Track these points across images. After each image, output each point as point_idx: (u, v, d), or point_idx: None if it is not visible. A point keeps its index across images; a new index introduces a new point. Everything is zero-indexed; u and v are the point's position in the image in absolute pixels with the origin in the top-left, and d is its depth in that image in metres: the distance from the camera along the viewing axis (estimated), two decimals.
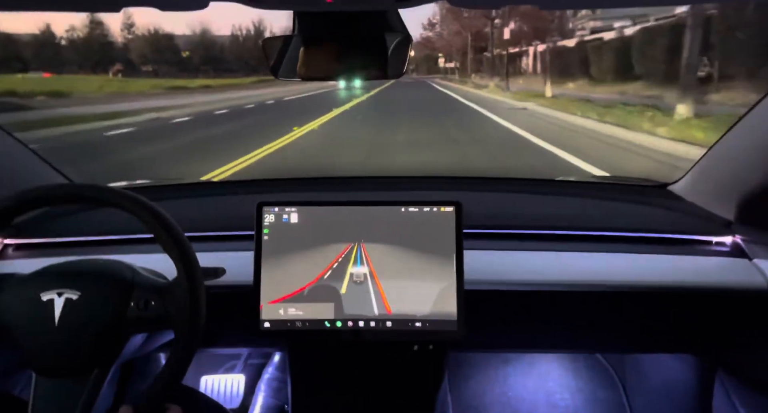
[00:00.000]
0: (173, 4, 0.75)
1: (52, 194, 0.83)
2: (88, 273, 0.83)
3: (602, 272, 1.08)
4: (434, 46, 54.55)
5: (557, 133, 8.55)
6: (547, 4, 0.88)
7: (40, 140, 8.28)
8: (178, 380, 0.79)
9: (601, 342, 1.28)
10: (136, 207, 0.81)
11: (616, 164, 5.94)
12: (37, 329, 0.78)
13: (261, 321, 0.99)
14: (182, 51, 46.46)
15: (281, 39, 0.90)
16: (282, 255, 1.00)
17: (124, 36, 45.85)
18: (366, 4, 0.77)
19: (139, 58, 42.88)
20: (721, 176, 1.19)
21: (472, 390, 1.72)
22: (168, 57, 44.54)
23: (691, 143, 6.55)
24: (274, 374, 1.66)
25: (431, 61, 65.56)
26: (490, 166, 5.96)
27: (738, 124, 1.12)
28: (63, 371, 0.79)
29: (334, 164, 6.25)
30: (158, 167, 6.33)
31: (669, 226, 1.20)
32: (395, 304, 0.99)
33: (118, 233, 1.20)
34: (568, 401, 1.67)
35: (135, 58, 43.25)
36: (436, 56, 59.13)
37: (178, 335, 0.80)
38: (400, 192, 1.44)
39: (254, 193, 1.48)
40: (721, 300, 1.06)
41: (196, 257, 0.82)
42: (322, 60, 0.90)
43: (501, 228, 1.20)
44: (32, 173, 1.30)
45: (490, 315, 1.08)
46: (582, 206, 1.35)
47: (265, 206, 1.02)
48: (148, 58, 42.67)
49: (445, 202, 1.01)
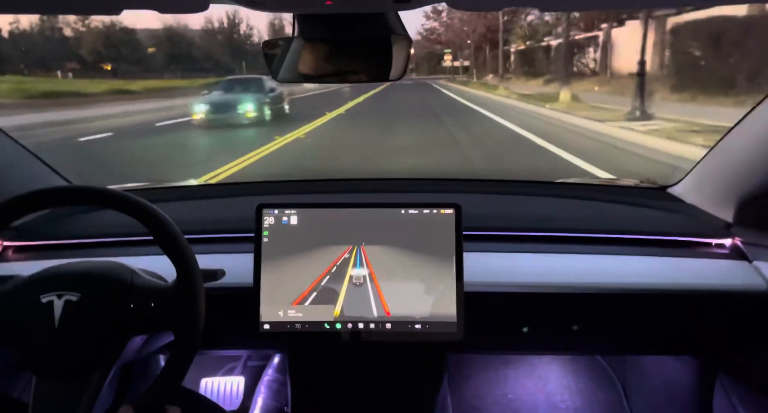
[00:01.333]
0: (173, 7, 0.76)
1: (52, 196, 0.83)
2: (87, 275, 0.83)
3: (602, 275, 1.08)
4: (439, 39, 47.07)
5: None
6: (547, 6, 0.89)
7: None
8: (178, 382, 0.79)
9: (601, 344, 1.28)
10: (136, 209, 0.81)
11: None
12: (37, 331, 0.78)
13: (261, 322, 0.99)
14: (147, 47, 38.93)
15: (281, 41, 0.90)
16: (282, 257, 1.00)
17: (77, 29, 35.63)
18: (365, 5, 0.77)
19: (91, 55, 34.59)
20: (720, 178, 1.19)
21: (472, 391, 1.72)
22: (127, 54, 36.71)
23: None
24: (274, 376, 1.66)
25: (433, 59, 56.70)
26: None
27: (737, 126, 1.12)
28: (63, 373, 0.79)
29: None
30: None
31: (668, 228, 1.20)
32: (395, 306, 0.99)
33: (117, 235, 1.20)
34: (569, 402, 1.67)
35: (87, 55, 34.62)
36: (440, 53, 50.54)
37: (177, 336, 0.80)
38: (399, 194, 1.44)
39: (254, 195, 1.48)
40: (720, 302, 1.06)
41: (196, 258, 0.82)
42: (322, 62, 0.90)
43: (500, 230, 1.20)
44: (32, 176, 1.30)
45: (489, 317, 1.08)
46: (581, 208, 1.35)
47: (264, 208, 1.02)
48: (102, 55, 34.78)
49: (444, 204, 1.01)
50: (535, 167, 6.15)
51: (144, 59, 38.63)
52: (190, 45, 42.32)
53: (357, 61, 0.89)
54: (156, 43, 39.63)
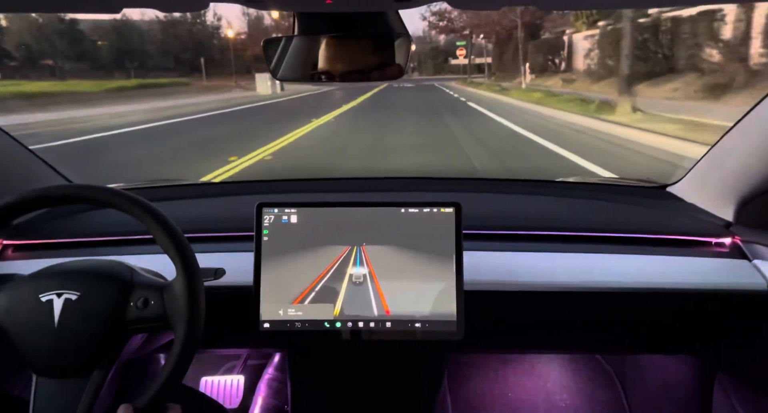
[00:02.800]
0: (173, 5, 0.76)
1: (52, 194, 0.83)
2: (87, 274, 0.83)
3: (601, 273, 1.08)
4: (451, 26, 34.05)
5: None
6: (547, 5, 0.88)
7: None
8: (178, 380, 0.79)
9: (600, 343, 1.29)
10: (135, 208, 0.81)
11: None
12: (37, 329, 0.78)
13: (261, 321, 0.99)
14: (96, 41, 31.10)
15: (281, 40, 0.90)
16: (282, 256, 1.00)
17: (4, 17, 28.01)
18: (366, 4, 0.77)
19: (20, 50, 28.08)
20: (720, 177, 1.19)
21: (471, 390, 1.72)
22: (65, 49, 29.43)
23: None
24: (274, 374, 1.66)
25: (439, 56, 48.00)
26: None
27: (737, 125, 1.12)
28: (63, 371, 0.79)
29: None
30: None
31: (668, 227, 1.20)
32: (395, 305, 0.99)
33: (117, 233, 1.20)
34: (568, 401, 1.67)
35: (14, 49, 27.78)
36: (446, 48, 40.81)
37: (177, 335, 0.80)
38: (399, 193, 1.44)
39: (253, 194, 1.48)
40: (720, 301, 1.06)
41: (196, 257, 0.82)
42: (322, 61, 0.90)
43: (500, 229, 1.20)
44: (31, 174, 1.30)
45: (489, 316, 1.08)
46: (581, 207, 1.35)
47: (264, 207, 1.02)
48: (34, 50, 28.22)
49: (444, 203, 1.01)
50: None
51: (86, 55, 30.73)
52: (144, 39, 35.02)
53: (357, 59, 0.89)
54: (102, 35, 32.06)
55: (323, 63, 0.90)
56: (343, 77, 0.91)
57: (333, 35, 0.88)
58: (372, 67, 0.89)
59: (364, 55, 0.89)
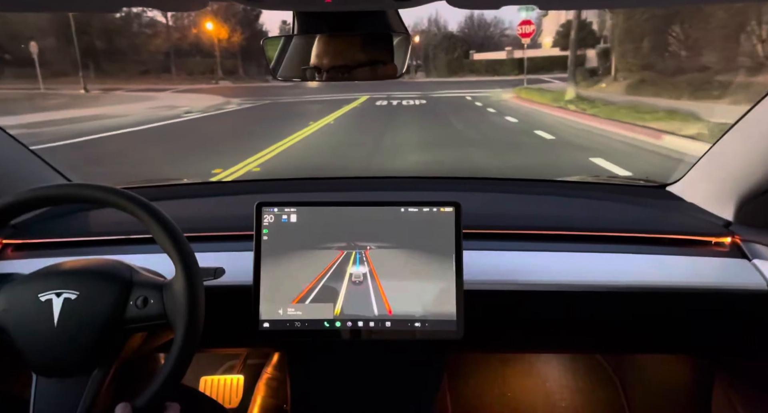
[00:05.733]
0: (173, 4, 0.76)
1: (51, 194, 0.83)
2: (86, 273, 0.83)
3: (601, 273, 1.08)
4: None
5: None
6: (546, 5, 0.88)
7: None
8: (178, 379, 0.79)
9: (600, 343, 1.28)
10: (135, 207, 0.81)
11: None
12: (37, 329, 0.78)
13: (260, 321, 0.99)
14: (30, 39, 21.25)
15: (281, 39, 0.90)
16: (281, 256, 1.00)
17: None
18: (366, 3, 0.77)
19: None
20: (720, 176, 1.19)
21: (471, 390, 1.72)
22: (8, 47, 23.14)
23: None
24: (274, 374, 1.66)
25: (454, 50, 30.82)
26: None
27: (736, 125, 1.12)
28: (63, 371, 0.79)
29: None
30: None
31: (668, 226, 1.20)
32: (394, 304, 0.99)
33: (116, 233, 1.20)
34: (568, 401, 1.67)
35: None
36: (468, 38, 26.29)
37: (177, 334, 0.80)
38: (399, 193, 1.44)
39: (253, 193, 1.48)
40: (720, 301, 1.06)
41: (195, 256, 0.82)
42: (322, 60, 0.90)
43: (500, 229, 1.20)
44: (31, 173, 1.30)
45: (489, 315, 1.08)
46: (581, 206, 1.35)
47: (264, 206, 1.02)
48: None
49: (444, 202, 1.01)
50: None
51: (25, 55, 21.71)
52: (103, 35, 28.69)
53: (357, 59, 0.89)
54: (42, 30, 24.44)
55: (323, 62, 0.89)
56: (343, 76, 0.90)
57: (332, 34, 0.88)
58: (372, 65, 0.89)
59: (364, 54, 0.89)
